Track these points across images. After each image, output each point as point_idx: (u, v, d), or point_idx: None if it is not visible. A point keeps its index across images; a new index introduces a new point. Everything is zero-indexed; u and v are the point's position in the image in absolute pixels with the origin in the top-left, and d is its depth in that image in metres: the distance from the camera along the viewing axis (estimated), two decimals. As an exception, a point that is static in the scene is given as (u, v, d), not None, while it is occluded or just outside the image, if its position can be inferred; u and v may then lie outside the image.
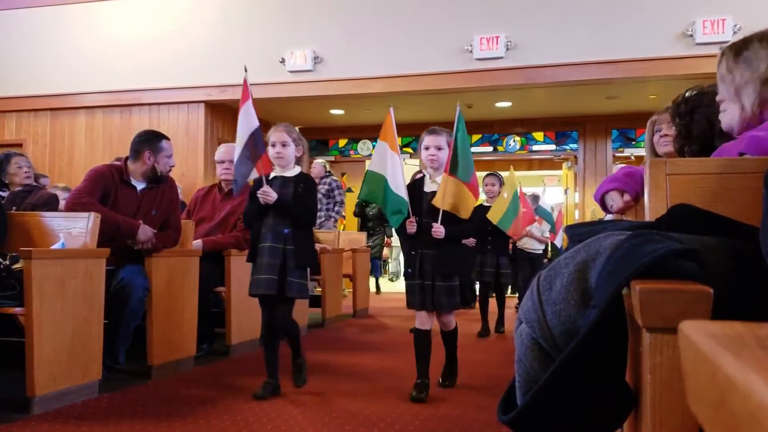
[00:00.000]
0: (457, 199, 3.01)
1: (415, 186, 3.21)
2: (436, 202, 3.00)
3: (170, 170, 3.61)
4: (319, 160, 7.62)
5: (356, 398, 2.94)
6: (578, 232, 0.94)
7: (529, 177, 11.76)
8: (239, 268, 3.90)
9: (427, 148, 3.12)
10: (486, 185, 5.27)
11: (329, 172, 7.47)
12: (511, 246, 7.24)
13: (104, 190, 3.37)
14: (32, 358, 2.53)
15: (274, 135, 3.03)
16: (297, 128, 3.14)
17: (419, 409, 2.77)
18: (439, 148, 3.09)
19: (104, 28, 7.73)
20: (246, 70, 3.02)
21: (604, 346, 0.72)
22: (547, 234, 7.00)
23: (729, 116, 1.39)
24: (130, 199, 3.45)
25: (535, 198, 7.26)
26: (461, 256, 3.20)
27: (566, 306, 0.79)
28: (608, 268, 0.74)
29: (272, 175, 3.04)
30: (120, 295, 3.17)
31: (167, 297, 3.37)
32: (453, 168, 3.01)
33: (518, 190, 5.24)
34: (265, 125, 3.03)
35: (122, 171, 3.47)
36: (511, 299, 8.29)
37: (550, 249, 7.70)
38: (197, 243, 3.90)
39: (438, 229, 2.97)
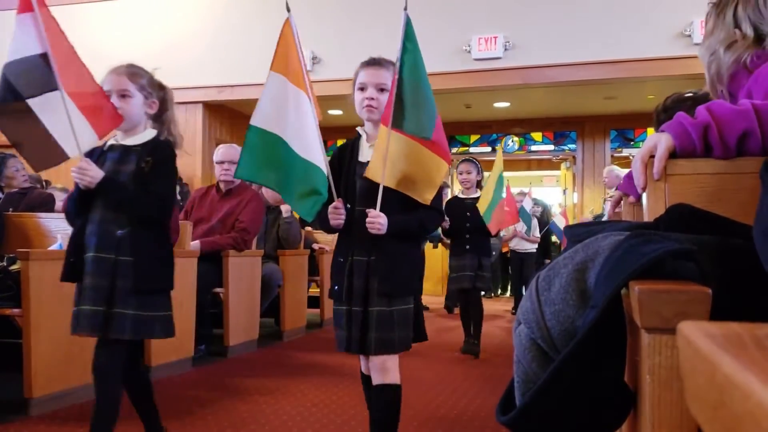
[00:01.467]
0: (411, 167, 1.86)
1: (345, 152, 2.07)
2: (371, 173, 1.85)
3: None
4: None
5: (355, 399, 2.94)
6: (577, 233, 0.94)
7: (527, 177, 11.77)
8: (237, 269, 3.90)
9: (362, 89, 1.99)
10: (461, 174, 4.22)
11: None
12: (509, 250, 7.26)
13: (102, 190, 3.36)
14: (30, 359, 2.52)
15: (109, 80, 2.03)
16: (152, 71, 2.14)
17: (418, 409, 2.77)
18: (382, 89, 1.96)
19: (101, 30, 7.71)
20: None
21: (602, 346, 0.71)
22: (537, 234, 6.98)
23: None
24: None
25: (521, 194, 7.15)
26: (414, 265, 1.96)
27: (565, 306, 0.79)
28: (607, 268, 0.74)
29: (109, 142, 2.04)
30: (118, 296, 3.15)
31: (165, 298, 3.36)
32: (397, 118, 1.85)
33: (503, 178, 4.43)
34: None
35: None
36: (508, 302, 8.31)
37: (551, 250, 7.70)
38: (195, 244, 3.89)
39: (375, 219, 1.82)
